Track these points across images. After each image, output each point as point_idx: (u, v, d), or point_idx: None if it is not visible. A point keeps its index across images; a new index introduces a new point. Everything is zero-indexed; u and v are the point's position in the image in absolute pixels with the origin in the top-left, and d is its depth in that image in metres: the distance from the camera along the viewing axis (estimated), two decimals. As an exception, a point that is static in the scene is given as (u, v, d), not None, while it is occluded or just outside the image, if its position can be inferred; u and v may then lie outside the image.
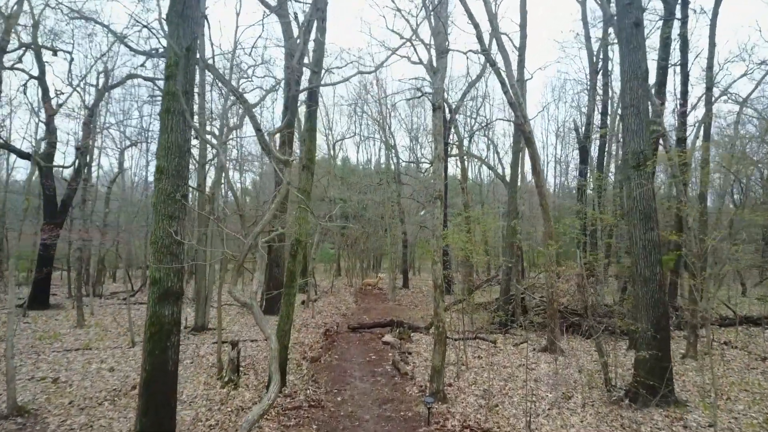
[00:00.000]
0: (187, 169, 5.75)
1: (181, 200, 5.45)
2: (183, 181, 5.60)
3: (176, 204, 5.40)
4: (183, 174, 5.61)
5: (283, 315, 8.77)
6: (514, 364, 11.34)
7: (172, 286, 5.43)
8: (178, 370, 10.61)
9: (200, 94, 14.52)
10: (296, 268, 8.87)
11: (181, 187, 5.53)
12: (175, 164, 5.49)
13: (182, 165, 5.58)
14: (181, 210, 5.51)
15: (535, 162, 12.23)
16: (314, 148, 9.10)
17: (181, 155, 5.54)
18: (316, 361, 11.31)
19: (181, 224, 5.47)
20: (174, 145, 5.49)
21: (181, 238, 5.39)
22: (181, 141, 5.52)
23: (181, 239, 5.39)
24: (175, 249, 5.40)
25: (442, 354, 8.52)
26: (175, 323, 5.61)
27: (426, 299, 23.13)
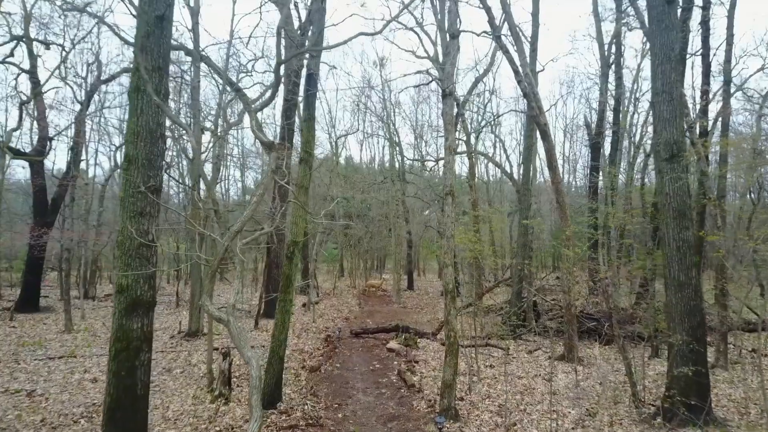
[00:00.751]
0: (160, 158, 4.95)
1: (152, 194, 4.66)
2: (155, 172, 4.81)
3: (147, 199, 4.61)
4: (155, 163, 4.82)
5: (278, 323, 7.97)
6: (530, 374, 10.51)
7: (142, 295, 4.64)
8: (170, 381, 9.87)
9: (194, 87, 13.73)
10: (293, 271, 8.06)
11: (153, 178, 4.74)
12: (145, 152, 4.70)
13: (154, 153, 4.79)
14: (153, 206, 4.72)
15: (551, 157, 11.39)
16: (312, 139, 8.29)
17: (153, 141, 4.75)
18: (315, 370, 10.51)
19: (152, 222, 4.68)
20: (144, 130, 4.70)
21: (152, 239, 4.60)
22: (153, 125, 4.73)
23: (152, 240, 4.61)
24: (145, 251, 4.62)
25: (454, 367, 7.69)
26: (145, 338, 4.81)
27: (432, 301, 22.30)
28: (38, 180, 16.85)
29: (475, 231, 18.18)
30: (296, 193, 8.23)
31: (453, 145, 7.85)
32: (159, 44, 4.88)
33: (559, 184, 11.40)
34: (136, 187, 4.62)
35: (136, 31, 4.89)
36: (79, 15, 17.21)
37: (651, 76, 8.29)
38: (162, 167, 4.95)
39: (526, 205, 14.40)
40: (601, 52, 23.95)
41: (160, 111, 4.74)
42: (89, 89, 18.04)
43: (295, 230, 8.07)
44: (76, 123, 17.62)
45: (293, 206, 8.24)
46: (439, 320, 16.75)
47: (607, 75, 23.74)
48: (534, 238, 21.72)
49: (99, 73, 18.29)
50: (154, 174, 4.79)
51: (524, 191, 14.52)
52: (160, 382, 9.50)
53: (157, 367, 10.60)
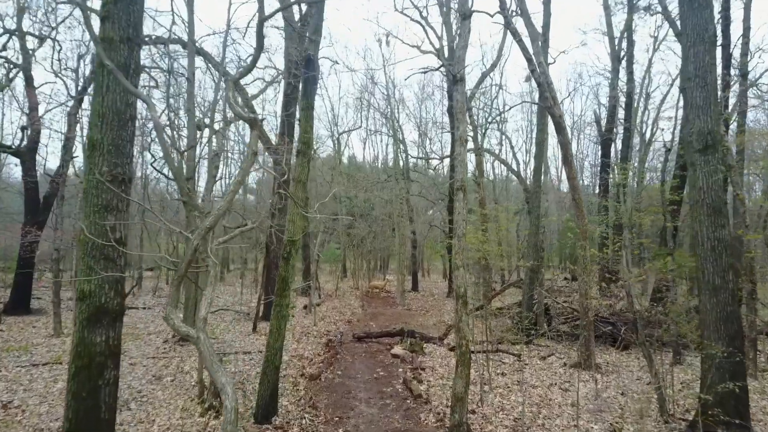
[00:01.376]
0: (130, 144, 4.28)
1: (121, 185, 4.00)
2: (124, 159, 4.15)
3: (113, 192, 3.94)
4: (124, 150, 4.16)
5: (273, 330, 7.29)
6: (545, 382, 9.81)
7: (108, 303, 3.98)
8: (159, 391, 9.22)
9: (189, 80, 13.10)
10: (289, 273, 7.39)
11: (121, 166, 4.09)
12: (112, 136, 4.05)
13: (123, 138, 4.13)
14: (121, 199, 4.06)
15: (566, 150, 10.69)
16: (311, 129, 7.61)
17: (122, 124, 4.08)
18: (315, 378, 9.83)
19: (120, 218, 4.02)
20: (111, 111, 4.04)
21: (121, 237, 3.95)
22: (121, 105, 4.07)
23: (121, 238, 3.95)
24: (111, 252, 3.96)
25: (466, 378, 6.99)
26: (110, 353, 4.13)
27: (438, 303, 21.60)
28: (30, 177, 16.23)
29: (483, 230, 17.48)
30: (293, 189, 7.56)
31: (464, 136, 7.15)
32: (128, 12, 4.22)
33: (574, 180, 10.69)
34: (102, 176, 3.96)
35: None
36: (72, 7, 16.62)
37: (682, 60, 7.59)
38: (132, 154, 4.29)
39: (537, 203, 13.68)
40: (611, 45, 23.25)
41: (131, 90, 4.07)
42: (82, 83, 17.43)
43: (292, 228, 7.39)
44: (68, 118, 16.98)
45: (290, 203, 7.57)
46: (446, 323, 16.07)
47: (618, 70, 23.03)
48: (543, 238, 21.00)
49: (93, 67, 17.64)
50: (123, 162, 4.12)
51: (535, 188, 13.80)
52: (148, 392, 8.85)
53: (147, 374, 9.96)
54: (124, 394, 8.68)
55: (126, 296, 19.38)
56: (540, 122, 13.82)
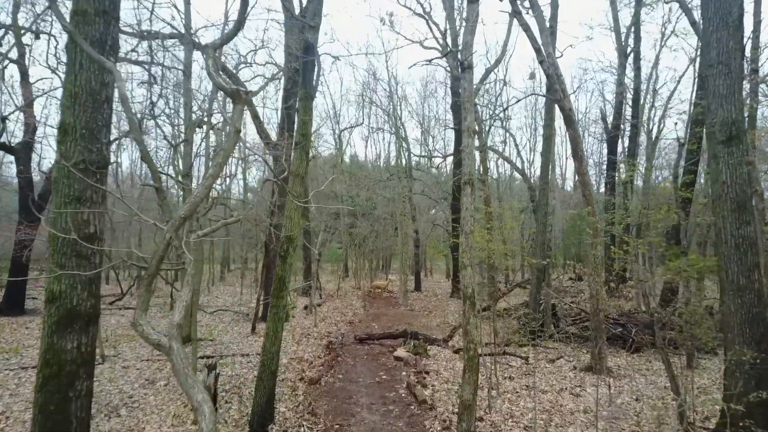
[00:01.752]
0: (106, 128, 3.87)
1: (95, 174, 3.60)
2: (99, 146, 3.74)
3: (86, 182, 3.54)
4: (99, 134, 3.75)
5: (270, 333, 6.88)
6: (554, 387, 9.38)
7: (80, 305, 3.58)
8: (152, 396, 8.82)
9: (185, 74, 12.69)
10: (287, 272, 6.98)
11: (96, 153, 3.69)
12: (86, 119, 3.65)
13: (98, 121, 3.73)
14: (96, 190, 3.66)
15: (576, 145, 10.26)
16: (310, 121, 7.20)
17: (96, 106, 3.68)
18: (315, 383, 9.42)
19: (95, 210, 3.62)
20: (84, 92, 3.64)
21: (95, 231, 3.55)
22: (96, 85, 3.67)
23: (95, 233, 3.55)
24: (84, 249, 3.56)
25: (474, 384, 6.58)
26: (83, 361, 3.72)
27: (441, 304, 21.17)
28: (24, 174, 15.85)
29: (488, 229, 17.03)
30: (291, 183, 7.15)
31: (472, 127, 6.74)
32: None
33: (585, 176, 10.26)
34: (75, 165, 3.56)
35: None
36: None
37: (702, 46, 7.17)
38: (109, 140, 3.88)
39: (545, 200, 13.24)
40: (618, 41, 22.81)
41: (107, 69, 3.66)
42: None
43: (289, 225, 6.98)
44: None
45: (289, 198, 7.16)
46: (450, 324, 15.65)
47: (625, 65, 22.58)
48: (550, 237, 20.55)
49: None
50: (98, 148, 3.72)
51: (543, 185, 13.36)
52: (140, 397, 8.46)
53: (140, 378, 9.57)
54: (115, 399, 8.30)
55: (123, 296, 18.97)
56: (547, 117, 13.39)
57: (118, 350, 11.77)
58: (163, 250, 2.67)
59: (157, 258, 2.70)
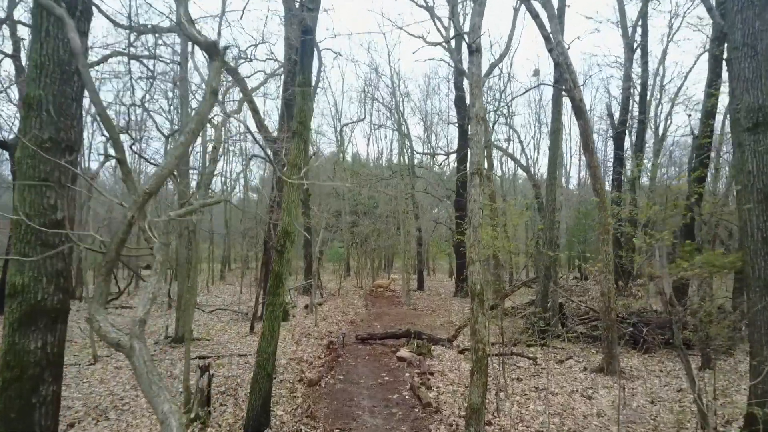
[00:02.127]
0: (76, 103, 3.47)
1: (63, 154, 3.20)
2: (69, 122, 3.36)
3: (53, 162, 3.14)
4: (68, 110, 3.37)
5: (265, 333, 6.49)
6: (565, 389, 8.96)
7: (45, 300, 3.20)
8: (143, 398, 8.44)
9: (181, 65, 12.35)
10: (283, 268, 6.59)
11: (65, 131, 3.30)
12: (53, 92, 3.27)
13: (67, 95, 3.34)
14: (65, 172, 3.27)
15: (586, 137, 9.84)
16: (309, 109, 6.81)
17: (66, 79, 3.29)
18: (315, 384, 9.03)
19: (64, 194, 3.24)
20: (52, 62, 3.26)
21: (63, 218, 3.16)
22: (65, 55, 3.27)
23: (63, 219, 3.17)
24: (50, 237, 3.17)
25: (483, 387, 6.17)
26: (48, 363, 3.32)
27: (444, 303, 20.77)
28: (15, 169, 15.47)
29: (494, 226, 16.62)
30: (288, 173, 6.75)
31: (480, 113, 6.34)
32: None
33: (596, 169, 9.85)
34: (40, 144, 3.16)
35: None
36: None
37: (727, 28, 6.75)
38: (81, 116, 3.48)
39: (552, 195, 12.82)
40: (624, 35, 22.34)
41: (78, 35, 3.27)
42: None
43: (287, 218, 6.59)
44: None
45: (285, 190, 6.77)
46: (454, 324, 15.25)
47: (631, 60, 22.11)
48: (558, 234, 20.14)
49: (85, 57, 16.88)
50: (67, 125, 3.33)
51: (551, 180, 12.93)
52: (131, 399, 8.08)
53: (132, 379, 9.18)
54: (105, 401, 7.92)
55: (120, 295, 18.62)
56: (555, 110, 12.97)
57: (112, 351, 11.40)
58: (125, 232, 2.28)
59: (117, 241, 2.31)
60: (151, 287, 2.43)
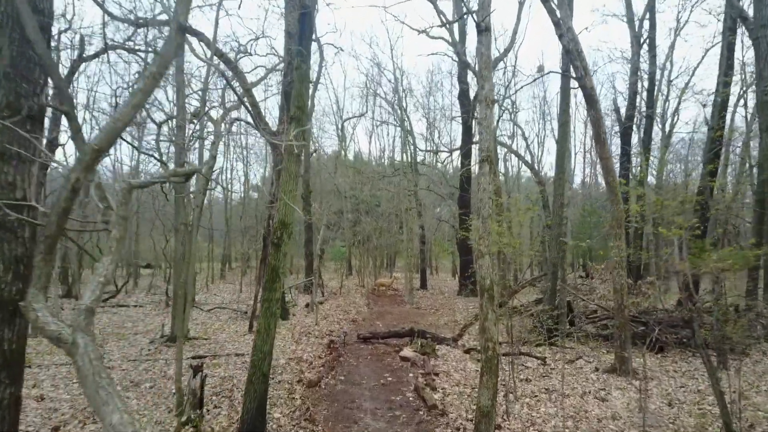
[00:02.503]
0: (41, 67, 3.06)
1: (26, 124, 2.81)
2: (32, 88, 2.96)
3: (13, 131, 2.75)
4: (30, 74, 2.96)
5: (261, 330, 6.10)
6: (576, 390, 8.55)
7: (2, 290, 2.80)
8: (134, 400, 8.04)
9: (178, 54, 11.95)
10: (280, 262, 6.19)
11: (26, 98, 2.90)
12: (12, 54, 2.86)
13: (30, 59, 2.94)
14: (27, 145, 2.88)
15: (598, 128, 9.43)
16: (306, 93, 6.41)
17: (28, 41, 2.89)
18: (314, 385, 8.63)
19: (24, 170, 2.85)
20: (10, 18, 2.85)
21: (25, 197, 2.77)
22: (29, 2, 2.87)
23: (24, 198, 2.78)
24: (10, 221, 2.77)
25: (493, 389, 5.77)
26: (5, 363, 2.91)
27: (448, 302, 20.35)
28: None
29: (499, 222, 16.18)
30: (286, 162, 6.36)
31: (490, 96, 5.93)
32: None
33: (608, 160, 9.43)
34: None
35: None
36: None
37: (754, 6, 6.35)
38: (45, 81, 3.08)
39: (561, 190, 12.40)
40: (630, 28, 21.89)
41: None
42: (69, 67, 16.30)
43: (284, 209, 6.19)
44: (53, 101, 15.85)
45: (283, 178, 6.38)
46: (459, 323, 14.85)
47: (638, 54, 21.65)
48: (566, 230, 19.71)
49: (81, 50, 16.51)
50: (29, 90, 2.94)
51: (559, 175, 12.51)
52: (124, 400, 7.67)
53: (124, 380, 8.80)
54: (93, 403, 7.51)
55: (117, 293, 18.25)
56: (563, 102, 12.56)
57: (105, 349, 11.03)
58: (67, 199, 1.90)
59: (58, 211, 1.91)
60: (103, 269, 2.04)
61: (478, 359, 10.72)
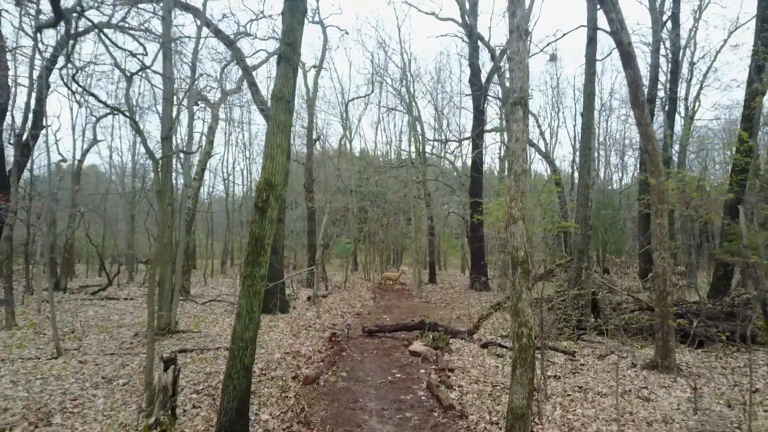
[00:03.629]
0: None
1: None
2: None
3: None
4: None
5: (242, 314, 4.99)
6: (613, 389, 7.37)
7: None
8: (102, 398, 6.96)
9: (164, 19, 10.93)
10: (266, 231, 5.08)
11: None
12: None
13: None
14: None
15: (636, 90, 8.26)
16: (300, 26, 5.32)
17: None
18: (312, 382, 7.53)
19: None
20: None
21: None
22: None
23: None
24: None
25: (529, 386, 4.63)
26: None
27: (459, 296, 19.18)
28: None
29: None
30: (273, 109, 5.26)
31: (523, 25, 4.81)
32: None
33: (647, 126, 8.26)
34: None
35: None
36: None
37: None
38: None
39: (587, 167, 11.21)
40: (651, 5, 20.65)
41: None
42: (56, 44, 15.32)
43: (270, 166, 5.09)
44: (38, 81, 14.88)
45: (269, 130, 5.29)
46: (472, 317, 13.71)
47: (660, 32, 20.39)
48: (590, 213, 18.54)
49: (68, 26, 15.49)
50: None
51: (584, 150, 11.31)
52: (87, 399, 6.62)
53: (96, 375, 7.75)
54: (54, 401, 6.47)
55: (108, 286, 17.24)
56: (589, 70, 11.38)
57: (83, 342, 9.99)
58: None
59: None
60: None
61: (497, 354, 9.58)
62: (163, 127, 10.52)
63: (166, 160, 10.31)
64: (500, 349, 9.74)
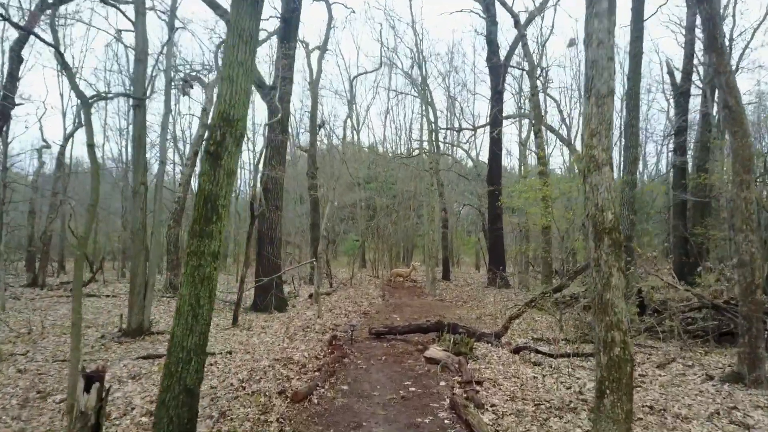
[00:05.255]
0: None
1: None
2: None
3: None
4: None
5: (182, 310, 3.36)
6: (694, 410, 5.63)
7: None
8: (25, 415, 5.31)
9: None
10: (220, 186, 3.44)
11: None
12: None
13: None
14: None
15: (714, 29, 6.57)
16: None
17: None
18: (303, 399, 5.85)
19: None
20: None
21: None
22: None
23: None
24: None
25: (626, 422, 2.92)
26: None
27: (476, 294, 17.45)
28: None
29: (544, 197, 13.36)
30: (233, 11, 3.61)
31: None
32: None
33: (728, 75, 6.52)
34: None
35: None
36: None
37: None
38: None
39: (635, 139, 9.43)
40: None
41: None
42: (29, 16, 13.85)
43: (228, 94, 3.44)
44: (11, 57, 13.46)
45: (227, 46, 3.64)
46: (494, 317, 12.02)
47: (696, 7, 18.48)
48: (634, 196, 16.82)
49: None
50: None
51: (632, 119, 9.49)
52: (3, 423, 5.00)
53: (30, 389, 6.16)
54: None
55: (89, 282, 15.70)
56: (635, 27, 9.63)
57: (36, 345, 8.44)
58: None
59: None
60: None
61: (533, 362, 7.88)
62: (135, 89, 8.95)
63: (140, 126, 8.80)
64: (536, 356, 8.03)
